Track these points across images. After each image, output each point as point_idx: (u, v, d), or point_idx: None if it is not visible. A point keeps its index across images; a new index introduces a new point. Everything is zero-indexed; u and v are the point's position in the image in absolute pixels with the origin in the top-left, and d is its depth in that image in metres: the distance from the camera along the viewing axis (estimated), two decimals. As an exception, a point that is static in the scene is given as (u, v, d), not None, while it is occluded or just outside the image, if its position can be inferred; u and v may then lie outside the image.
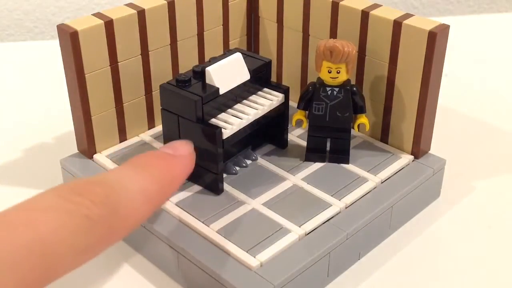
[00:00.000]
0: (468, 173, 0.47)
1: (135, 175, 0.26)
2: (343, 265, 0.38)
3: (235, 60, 0.40)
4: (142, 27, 0.42)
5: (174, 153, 0.30)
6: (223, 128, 0.38)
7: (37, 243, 0.20)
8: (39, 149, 0.50)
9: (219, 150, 0.38)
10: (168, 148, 0.30)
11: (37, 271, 0.20)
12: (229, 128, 0.38)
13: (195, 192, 0.40)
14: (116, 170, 0.27)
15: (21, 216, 0.21)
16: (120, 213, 0.24)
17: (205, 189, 0.40)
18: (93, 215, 0.23)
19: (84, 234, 0.22)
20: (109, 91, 0.42)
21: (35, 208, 0.22)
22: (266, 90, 0.42)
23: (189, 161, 0.30)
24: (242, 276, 0.33)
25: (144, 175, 0.27)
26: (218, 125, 0.38)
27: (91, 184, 0.24)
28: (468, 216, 0.43)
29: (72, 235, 0.22)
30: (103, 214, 0.23)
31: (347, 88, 0.41)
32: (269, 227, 0.36)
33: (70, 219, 0.22)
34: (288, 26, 0.48)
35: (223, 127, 0.38)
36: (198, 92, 0.38)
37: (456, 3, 0.88)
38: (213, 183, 0.39)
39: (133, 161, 0.28)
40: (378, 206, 0.39)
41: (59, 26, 0.39)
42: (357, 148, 0.44)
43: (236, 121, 0.39)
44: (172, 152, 0.30)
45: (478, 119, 0.55)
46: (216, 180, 0.39)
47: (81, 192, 0.23)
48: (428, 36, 0.39)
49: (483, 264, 0.39)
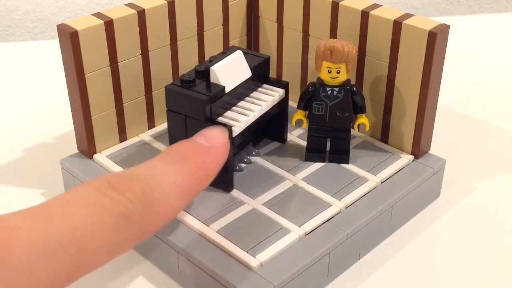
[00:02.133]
0: (468, 173, 0.47)
1: (171, 169, 0.26)
2: (343, 265, 0.38)
3: (237, 58, 0.40)
4: (142, 27, 0.42)
5: (210, 144, 0.29)
6: (233, 126, 0.38)
7: (74, 237, 0.21)
8: (39, 149, 0.50)
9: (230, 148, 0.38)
10: (203, 137, 0.29)
11: (71, 264, 0.21)
12: (237, 126, 0.38)
13: (195, 192, 0.40)
14: (153, 163, 0.27)
15: (59, 209, 0.21)
16: (155, 210, 0.24)
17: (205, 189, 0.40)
18: (130, 213, 0.23)
19: (119, 231, 0.22)
20: (109, 91, 0.42)
21: (73, 202, 0.22)
22: (266, 87, 0.42)
23: (224, 152, 0.30)
24: (242, 276, 0.33)
25: (180, 170, 0.26)
26: (227, 123, 0.38)
27: (129, 180, 0.24)
28: (468, 216, 0.43)
29: (107, 231, 0.22)
30: (139, 212, 0.23)
31: (347, 88, 0.41)
32: (269, 227, 0.36)
33: (106, 215, 0.22)
34: (288, 26, 0.48)
35: (232, 125, 0.38)
36: (205, 92, 0.38)
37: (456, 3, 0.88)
38: (224, 181, 0.39)
39: (169, 154, 0.28)
40: (378, 206, 0.39)
41: (59, 26, 0.39)
42: (357, 148, 0.44)
43: (244, 118, 0.39)
44: (207, 143, 0.29)
45: (478, 119, 0.55)
46: (226, 178, 0.39)
47: (119, 188, 0.23)
48: (428, 36, 0.39)
49: (483, 264, 0.39)
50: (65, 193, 0.23)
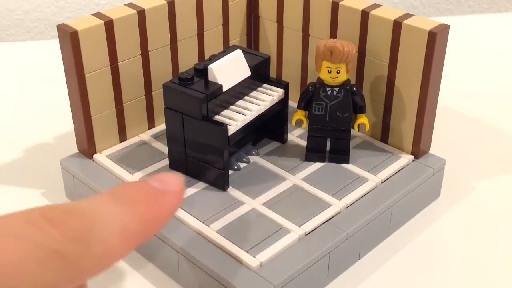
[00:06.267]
0: (468, 173, 0.47)
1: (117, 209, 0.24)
2: (343, 265, 0.38)
3: (236, 57, 0.40)
4: (142, 27, 0.42)
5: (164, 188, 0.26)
6: (228, 125, 0.38)
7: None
8: (39, 149, 0.50)
9: (224, 147, 0.38)
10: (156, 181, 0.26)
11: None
12: (233, 125, 0.38)
13: (195, 192, 0.40)
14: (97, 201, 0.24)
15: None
16: (94, 252, 0.21)
17: (205, 189, 0.40)
18: (64, 250, 0.20)
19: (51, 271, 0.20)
20: (109, 91, 0.42)
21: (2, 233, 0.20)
22: (266, 86, 0.42)
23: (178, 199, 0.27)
24: (242, 276, 0.33)
25: (127, 211, 0.24)
26: (223, 121, 0.38)
27: (66, 214, 0.21)
28: (468, 216, 0.43)
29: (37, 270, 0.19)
30: (75, 251, 0.21)
31: (347, 88, 0.41)
32: (269, 227, 0.36)
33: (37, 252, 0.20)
34: (288, 26, 0.48)
35: (228, 124, 0.38)
36: (202, 90, 0.38)
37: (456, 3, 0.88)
38: (219, 179, 0.39)
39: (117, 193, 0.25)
40: (378, 206, 0.39)
41: (59, 26, 0.39)
42: (357, 148, 0.44)
43: (240, 117, 0.39)
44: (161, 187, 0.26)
45: (478, 119, 0.55)
46: (221, 176, 0.39)
47: (54, 221, 0.21)
48: (428, 36, 0.39)
49: (483, 264, 0.39)
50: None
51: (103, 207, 0.23)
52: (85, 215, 0.22)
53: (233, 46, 0.43)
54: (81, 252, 0.21)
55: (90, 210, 0.23)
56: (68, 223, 0.21)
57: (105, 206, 0.23)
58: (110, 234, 0.22)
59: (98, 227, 0.22)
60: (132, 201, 0.24)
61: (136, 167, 0.42)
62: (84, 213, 0.22)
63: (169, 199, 0.26)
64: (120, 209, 0.24)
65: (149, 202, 0.25)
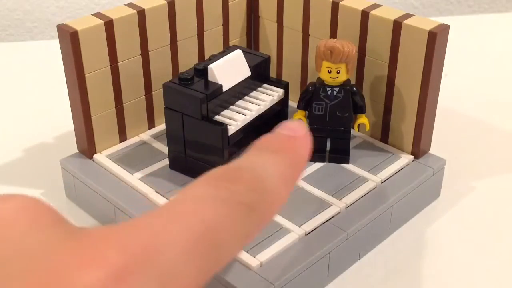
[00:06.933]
0: (468, 173, 0.47)
1: (271, 159, 0.26)
2: (343, 265, 0.38)
3: (236, 57, 0.40)
4: (142, 27, 0.42)
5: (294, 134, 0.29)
6: (228, 125, 0.38)
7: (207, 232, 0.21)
8: (39, 149, 0.50)
9: (224, 147, 0.38)
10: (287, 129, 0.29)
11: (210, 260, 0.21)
12: (233, 125, 0.38)
13: (195, 192, 0.40)
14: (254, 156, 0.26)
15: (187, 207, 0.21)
16: (269, 200, 0.24)
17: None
18: (249, 200, 0.23)
19: (243, 221, 0.22)
20: (109, 91, 0.42)
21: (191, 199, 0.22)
22: (266, 86, 0.42)
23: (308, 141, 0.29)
24: (242, 276, 0.33)
25: (279, 159, 0.26)
26: (223, 121, 0.38)
27: (239, 171, 0.24)
28: (468, 216, 0.43)
29: (234, 223, 0.22)
30: (257, 200, 0.23)
31: (347, 88, 0.41)
32: (269, 227, 0.36)
33: (228, 207, 0.22)
34: (288, 26, 0.48)
35: (228, 124, 0.38)
36: (202, 90, 0.38)
37: (456, 3, 0.88)
38: None
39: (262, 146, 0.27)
40: (378, 206, 0.39)
41: (59, 26, 0.39)
42: (357, 148, 0.44)
43: (240, 117, 0.39)
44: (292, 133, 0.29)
45: (478, 119, 0.55)
46: None
47: (231, 179, 0.23)
48: (428, 36, 0.39)
49: (483, 264, 0.39)
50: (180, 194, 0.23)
51: (260, 160, 0.26)
52: (252, 169, 0.24)
53: (233, 46, 0.43)
54: (261, 200, 0.23)
55: (251, 164, 0.25)
56: (244, 177, 0.23)
57: (261, 158, 0.26)
58: (276, 182, 0.25)
59: (264, 177, 0.24)
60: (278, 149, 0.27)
61: (136, 167, 0.42)
62: (249, 168, 0.24)
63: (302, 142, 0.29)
64: (273, 158, 0.26)
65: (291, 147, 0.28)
